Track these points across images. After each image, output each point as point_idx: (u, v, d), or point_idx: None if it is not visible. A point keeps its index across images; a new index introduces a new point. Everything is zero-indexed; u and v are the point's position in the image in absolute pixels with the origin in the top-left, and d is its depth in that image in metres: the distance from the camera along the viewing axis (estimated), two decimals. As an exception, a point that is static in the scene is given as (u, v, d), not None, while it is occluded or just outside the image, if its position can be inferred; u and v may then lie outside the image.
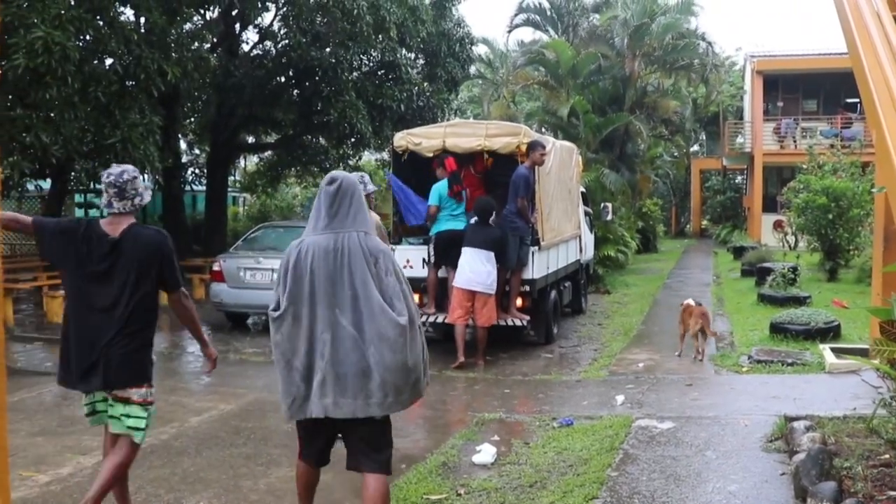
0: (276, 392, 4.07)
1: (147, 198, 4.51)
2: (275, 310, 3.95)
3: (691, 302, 9.94)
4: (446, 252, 10.02)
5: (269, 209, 28.73)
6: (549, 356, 10.57)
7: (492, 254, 9.71)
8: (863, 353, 8.73)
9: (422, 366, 3.96)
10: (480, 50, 28.18)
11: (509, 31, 27.96)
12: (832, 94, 31.82)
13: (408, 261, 10.35)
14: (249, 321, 13.71)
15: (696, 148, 46.40)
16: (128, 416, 4.32)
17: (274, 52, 17.91)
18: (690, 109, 32.63)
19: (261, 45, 18.85)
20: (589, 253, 15.51)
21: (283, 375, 3.93)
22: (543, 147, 10.23)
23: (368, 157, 24.90)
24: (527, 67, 26.55)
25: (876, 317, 5.01)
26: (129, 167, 4.50)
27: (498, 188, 11.14)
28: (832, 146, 21.69)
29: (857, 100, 31.91)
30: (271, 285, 11.67)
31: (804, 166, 20.19)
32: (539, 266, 10.50)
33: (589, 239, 15.50)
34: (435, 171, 10.48)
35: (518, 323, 10.26)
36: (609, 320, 13.71)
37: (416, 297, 4.82)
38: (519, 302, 10.40)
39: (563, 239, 11.96)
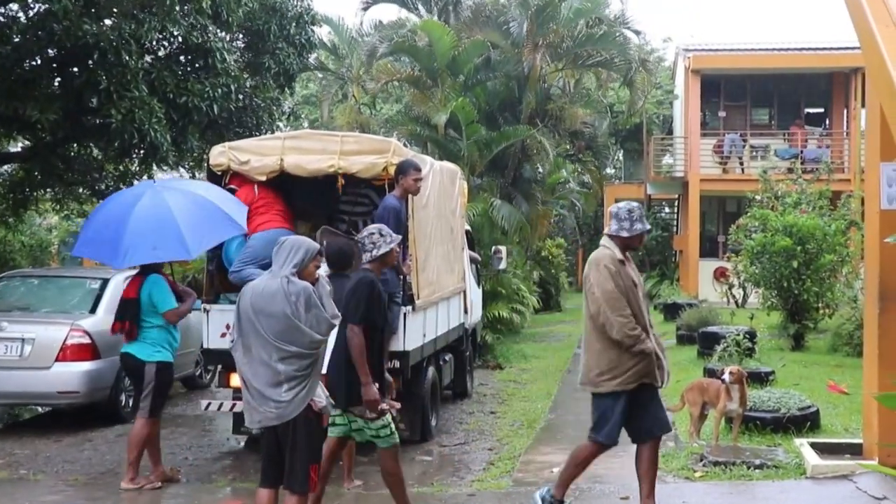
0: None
1: (384, 249, 7.65)
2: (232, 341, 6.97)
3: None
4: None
5: (12, 248, 27.49)
6: (427, 459, 10.51)
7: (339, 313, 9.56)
8: (853, 449, 9.00)
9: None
10: (322, 32, 28.11)
11: (365, 8, 28.04)
12: (789, 101, 33.46)
13: (227, 326, 10.03)
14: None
15: (610, 171, 47.66)
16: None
17: (25, 20, 17.18)
18: (609, 120, 33.49)
19: (5, 9, 18.08)
20: (476, 314, 15.54)
21: (244, 394, 6.86)
22: (418, 170, 10.19)
23: (163, 175, 24.26)
24: (388, 58, 26.66)
25: (887, 406, 5.10)
26: (371, 227, 7.87)
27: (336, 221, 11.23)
28: (790, 170, 22.69)
29: (822, 110, 33.68)
30: (21, 363, 11.33)
31: (756, 197, 20.99)
32: (413, 333, 10.41)
33: (476, 295, 15.54)
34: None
35: (384, 413, 10.10)
36: (505, 407, 13.74)
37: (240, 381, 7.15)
38: (386, 383, 10.27)
39: (443, 296, 11.91)
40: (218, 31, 17.94)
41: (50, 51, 17.02)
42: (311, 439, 6.85)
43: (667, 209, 43.33)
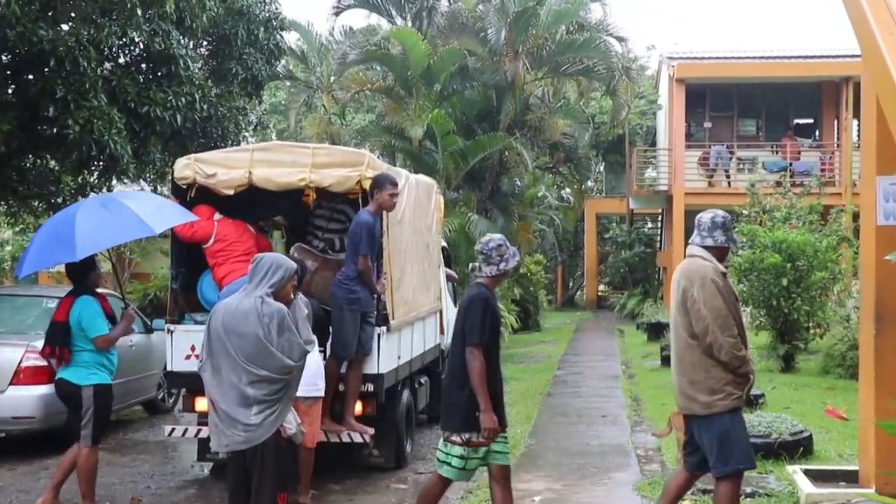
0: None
1: (512, 263, 7.62)
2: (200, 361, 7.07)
3: None
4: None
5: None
6: (402, 487, 10.43)
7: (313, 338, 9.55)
8: (849, 477, 9.00)
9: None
10: (291, 38, 28.09)
11: (336, 14, 28.03)
12: (777, 112, 33.63)
13: (192, 348, 9.99)
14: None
15: (591, 184, 47.72)
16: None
17: (-25, 26, 17.08)
18: (591, 131, 33.52)
19: (-48, 15, 17.93)
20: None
21: (211, 417, 6.97)
22: (395, 184, 10.19)
23: (123, 188, 24.14)
24: (360, 66, 26.66)
25: (889, 433, 5.10)
26: (496, 236, 7.72)
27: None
28: (779, 183, 22.78)
29: (811, 120, 33.84)
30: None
31: (744, 211, 21.05)
32: (387, 355, 10.39)
33: (453, 314, 15.47)
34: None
35: (357, 438, 10.07)
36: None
37: (207, 402, 7.43)
38: (358, 407, 10.24)
39: (419, 315, 11.92)
40: (182, 37, 17.87)
41: (3, 57, 16.90)
42: (280, 465, 6.88)
43: (650, 224, 43.52)
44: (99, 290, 9.78)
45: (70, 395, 9.21)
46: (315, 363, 9.41)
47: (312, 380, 9.35)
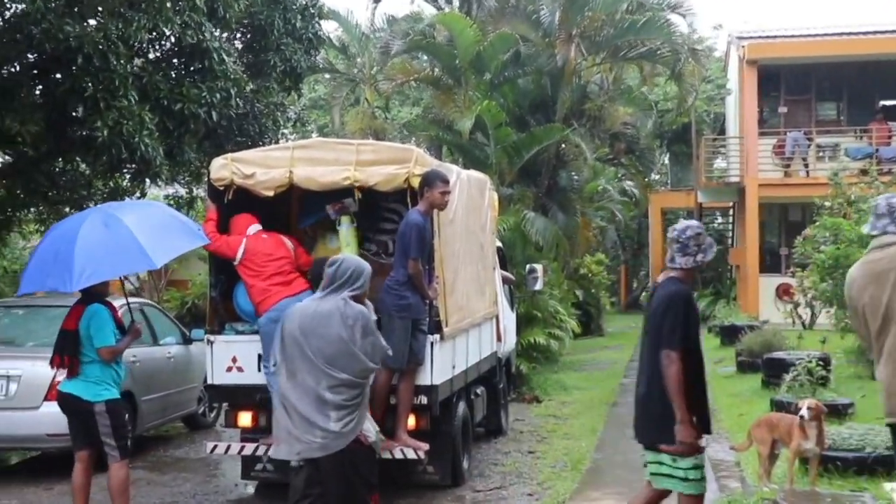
0: None
1: (710, 255, 7.33)
2: (275, 364, 7.48)
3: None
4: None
5: (-9, 275, 27.64)
6: (459, 507, 10.40)
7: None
8: (953, 494, 8.82)
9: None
10: (329, 28, 28.16)
11: (377, 2, 28.12)
12: (861, 94, 32.77)
13: (234, 359, 10.06)
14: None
15: (654, 176, 47.40)
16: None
17: (1, 22, 17.28)
18: (654, 119, 33.32)
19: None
20: (510, 341, 15.50)
21: (283, 423, 7.19)
22: (446, 182, 10.10)
23: (157, 192, 24.29)
24: (404, 55, 26.69)
25: None
26: (693, 223, 7.46)
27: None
28: (864, 171, 22.42)
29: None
30: (6, 403, 11.31)
31: (826, 203, 20.76)
32: (442, 365, 10.37)
33: (510, 320, 15.50)
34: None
35: (410, 455, 10.04)
36: (545, 445, 13.68)
37: (250, 417, 9.29)
38: (412, 421, 10.23)
39: (474, 322, 11.88)
40: (215, 29, 17.95)
41: (29, 56, 17.07)
42: (368, 469, 7.27)
43: (720, 219, 43.20)
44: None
45: (80, 412, 9.32)
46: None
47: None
